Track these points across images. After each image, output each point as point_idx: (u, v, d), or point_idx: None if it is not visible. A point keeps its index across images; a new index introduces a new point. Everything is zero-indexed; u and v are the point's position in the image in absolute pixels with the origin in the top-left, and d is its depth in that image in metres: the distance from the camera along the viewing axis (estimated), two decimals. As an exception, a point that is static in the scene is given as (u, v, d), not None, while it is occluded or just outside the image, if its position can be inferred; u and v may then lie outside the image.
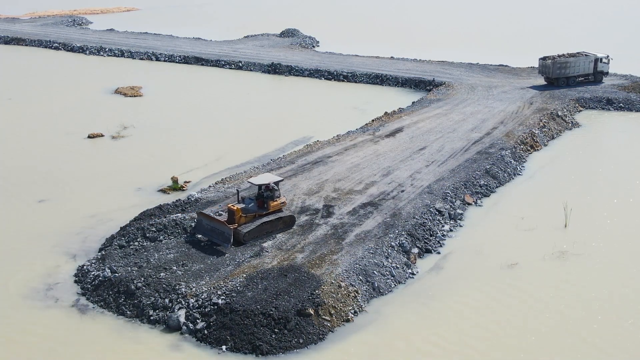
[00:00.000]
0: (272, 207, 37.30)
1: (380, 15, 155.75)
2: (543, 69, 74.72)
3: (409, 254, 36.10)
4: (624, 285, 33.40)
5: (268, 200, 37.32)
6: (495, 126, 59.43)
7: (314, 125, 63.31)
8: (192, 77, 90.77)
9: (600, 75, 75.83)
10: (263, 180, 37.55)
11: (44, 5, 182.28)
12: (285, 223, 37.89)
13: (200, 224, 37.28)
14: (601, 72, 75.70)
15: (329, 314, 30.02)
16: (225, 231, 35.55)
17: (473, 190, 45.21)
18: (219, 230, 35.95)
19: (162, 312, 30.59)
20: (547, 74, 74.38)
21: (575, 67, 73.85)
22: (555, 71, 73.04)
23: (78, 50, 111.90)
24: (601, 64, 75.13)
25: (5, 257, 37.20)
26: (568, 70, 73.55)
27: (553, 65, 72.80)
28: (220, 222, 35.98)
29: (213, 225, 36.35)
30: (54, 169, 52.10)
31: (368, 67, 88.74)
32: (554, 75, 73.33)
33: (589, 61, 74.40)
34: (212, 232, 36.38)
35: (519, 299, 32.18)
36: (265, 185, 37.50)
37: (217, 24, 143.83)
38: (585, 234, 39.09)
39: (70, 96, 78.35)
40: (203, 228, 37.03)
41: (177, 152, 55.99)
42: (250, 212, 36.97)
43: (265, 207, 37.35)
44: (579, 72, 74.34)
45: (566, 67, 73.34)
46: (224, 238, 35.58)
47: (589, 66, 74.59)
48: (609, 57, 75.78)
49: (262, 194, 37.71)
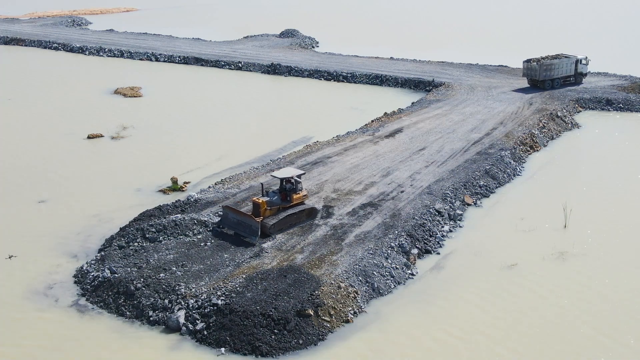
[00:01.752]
0: (295, 200, 38.50)
1: (380, 16, 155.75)
2: (528, 72, 73.94)
3: (409, 255, 36.12)
4: (623, 285, 33.40)
5: (291, 193, 38.39)
6: (495, 127, 59.45)
7: (314, 126, 63.31)
8: (191, 77, 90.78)
9: (580, 76, 75.50)
10: (286, 174, 38.69)
11: (43, 6, 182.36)
12: (308, 215, 39.03)
13: (226, 218, 38.07)
14: (581, 74, 75.40)
15: (328, 315, 30.03)
16: (252, 224, 36.43)
17: (472, 191, 45.23)
18: (246, 223, 36.78)
19: (162, 313, 30.59)
20: (533, 76, 73.64)
21: (560, 69, 73.41)
22: (542, 73, 72.38)
23: (78, 50, 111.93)
24: (581, 65, 74.85)
25: (5, 256, 37.16)
26: (553, 72, 73.02)
27: (540, 67, 72.06)
28: (247, 216, 36.85)
29: (240, 219, 37.13)
30: (54, 170, 52.10)
31: (367, 67, 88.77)
32: (541, 77, 72.68)
33: (570, 62, 74.10)
34: (238, 225, 37.17)
35: (519, 300, 32.18)
36: (287, 179, 38.53)
37: (216, 25, 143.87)
38: (584, 234, 39.12)
39: (69, 97, 78.35)
40: (229, 222, 37.82)
41: (177, 153, 55.99)
42: (275, 205, 38.00)
43: (288, 199, 38.38)
44: (563, 73, 73.89)
45: (551, 69, 72.81)
46: (252, 231, 36.46)
47: (570, 67, 74.25)
48: (587, 58, 75.60)
49: (284, 187, 38.70)
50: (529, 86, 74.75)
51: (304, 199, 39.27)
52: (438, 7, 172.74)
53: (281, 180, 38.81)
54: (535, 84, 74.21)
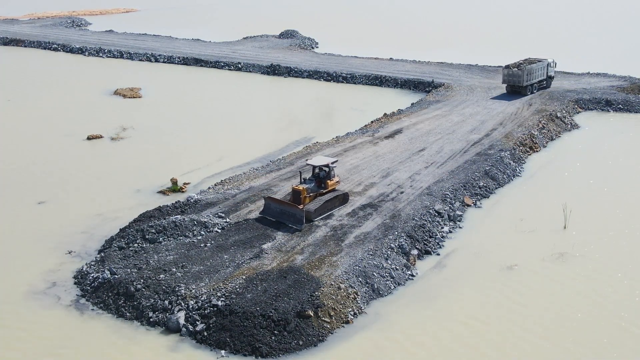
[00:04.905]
0: (330, 186, 40.56)
1: (380, 16, 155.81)
2: (510, 78, 70.88)
3: (409, 256, 36.12)
4: (623, 286, 33.42)
5: (326, 180, 40.46)
6: (495, 127, 59.47)
7: (313, 127, 63.31)
8: (191, 78, 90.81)
9: (550, 80, 74.62)
10: (321, 162, 40.86)
11: (43, 7, 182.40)
12: (341, 200, 40.97)
13: (268, 208, 39.55)
14: (550, 77, 74.51)
15: (328, 316, 30.03)
16: (297, 213, 38.08)
17: (472, 192, 45.24)
18: (290, 212, 38.34)
19: (162, 314, 30.56)
20: (516, 82, 70.66)
21: (537, 73, 71.94)
22: (525, 79, 70.01)
23: (77, 51, 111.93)
24: (550, 68, 73.85)
25: (5, 257, 37.16)
26: (532, 77, 71.28)
27: (523, 73, 69.72)
28: (291, 205, 38.52)
29: (283, 208, 38.71)
30: (54, 171, 52.07)
31: (367, 68, 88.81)
32: (525, 82, 70.31)
33: (543, 67, 72.80)
34: (282, 214, 38.72)
35: (518, 301, 32.18)
36: (320, 167, 40.59)
37: (216, 26, 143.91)
38: (584, 235, 39.14)
39: (69, 97, 78.34)
40: (272, 212, 39.30)
41: (176, 154, 55.98)
42: (312, 192, 39.87)
43: (322, 186, 40.42)
44: (539, 78, 72.47)
45: (531, 74, 71.12)
46: (296, 219, 38.10)
47: (544, 71, 73.09)
48: (554, 61, 74.84)
49: (318, 174, 40.53)
50: (507, 93, 71.89)
51: (336, 185, 41.28)
52: (438, 8, 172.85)
53: (314, 167, 40.88)
54: (515, 90, 71.54)
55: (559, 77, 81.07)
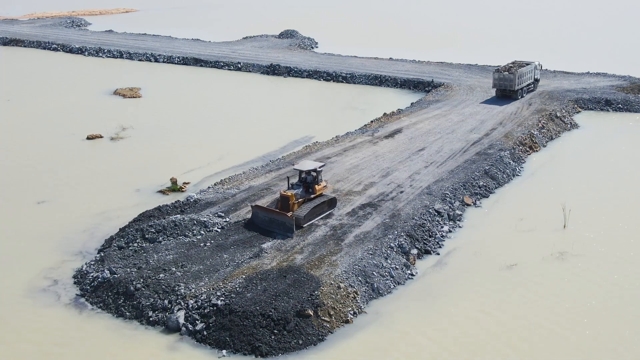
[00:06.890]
0: (317, 191, 39.66)
1: (380, 16, 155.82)
2: (502, 82, 69.11)
3: (408, 255, 36.12)
4: (623, 285, 33.43)
5: (313, 185, 39.51)
6: (494, 127, 59.49)
7: (313, 127, 63.32)
8: (191, 78, 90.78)
9: (536, 82, 74.16)
10: (309, 167, 39.51)
11: (42, 7, 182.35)
12: (329, 205, 40.25)
13: (256, 217, 38.55)
14: (537, 80, 74.01)
15: (328, 315, 30.03)
16: (286, 221, 37.14)
17: (472, 191, 45.24)
18: (279, 220, 37.32)
19: (162, 313, 30.57)
20: (508, 87, 68.97)
21: (526, 77, 71.14)
22: (517, 82, 68.87)
23: (77, 51, 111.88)
24: (537, 71, 73.32)
25: (5, 257, 37.16)
26: (522, 80, 70.27)
27: (515, 76, 68.52)
28: (279, 213, 37.50)
29: (271, 217, 37.73)
30: (53, 171, 52.06)
31: (367, 68, 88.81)
32: (518, 86, 69.19)
33: (532, 69, 72.08)
34: (271, 223, 37.78)
35: (518, 300, 32.19)
36: (307, 171, 39.37)
37: (216, 25, 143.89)
38: (584, 234, 39.14)
39: (69, 97, 78.32)
40: (260, 220, 38.29)
41: (176, 154, 55.97)
42: (301, 197, 38.97)
43: (310, 191, 39.49)
44: (528, 81, 71.70)
45: (522, 77, 70.12)
46: (286, 228, 37.18)
47: (532, 74, 72.37)
48: (540, 64, 74.44)
49: (305, 179, 39.58)
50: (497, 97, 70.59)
51: (324, 190, 40.43)
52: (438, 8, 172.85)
53: (301, 172, 39.76)
54: (506, 94, 70.14)
55: (559, 77, 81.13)
